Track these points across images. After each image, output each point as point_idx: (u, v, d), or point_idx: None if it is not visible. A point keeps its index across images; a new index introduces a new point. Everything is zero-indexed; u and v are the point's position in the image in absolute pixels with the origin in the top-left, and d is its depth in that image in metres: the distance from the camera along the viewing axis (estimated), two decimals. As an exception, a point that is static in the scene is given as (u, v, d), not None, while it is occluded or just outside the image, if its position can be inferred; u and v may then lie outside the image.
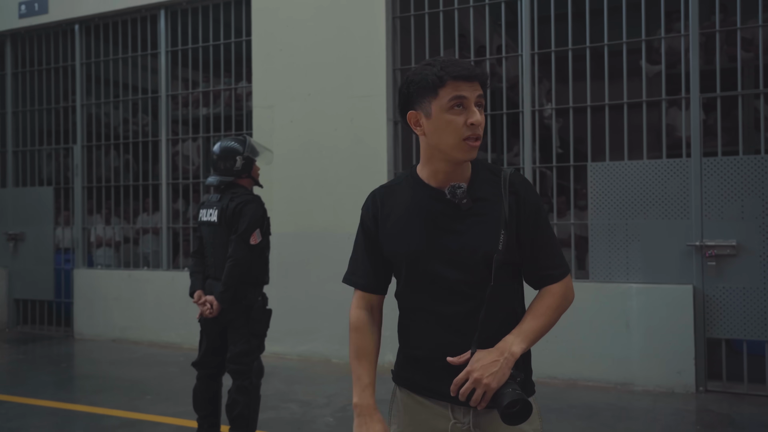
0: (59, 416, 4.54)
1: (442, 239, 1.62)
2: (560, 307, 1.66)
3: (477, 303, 1.61)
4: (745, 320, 4.82)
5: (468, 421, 1.64)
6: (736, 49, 5.09)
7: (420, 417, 1.70)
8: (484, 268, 1.60)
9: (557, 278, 1.67)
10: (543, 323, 1.63)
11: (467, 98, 1.56)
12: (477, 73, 1.58)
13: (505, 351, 1.56)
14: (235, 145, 3.72)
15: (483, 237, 1.61)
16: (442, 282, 1.63)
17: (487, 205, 1.63)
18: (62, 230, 7.83)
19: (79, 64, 7.72)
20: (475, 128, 1.57)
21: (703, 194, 4.96)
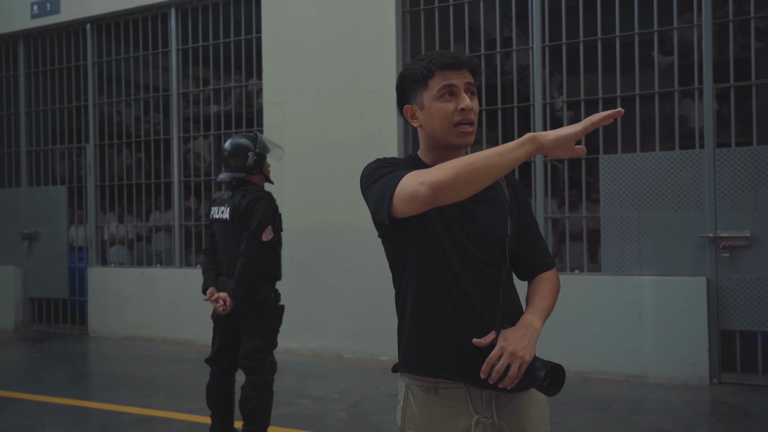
0: (74, 413, 4.59)
1: (458, 219, 1.65)
2: (557, 291, 1.76)
3: (493, 282, 1.67)
4: (760, 312, 4.78)
5: (491, 414, 1.61)
6: (750, 38, 5.03)
7: (437, 417, 1.63)
8: (498, 251, 1.69)
9: (550, 266, 1.80)
10: (549, 304, 1.72)
11: (456, 86, 1.61)
12: (463, 60, 1.63)
13: (530, 326, 1.62)
14: (246, 142, 3.73)
15: (495, 222, 1.69)
16: (462, 258, 1.64)
17: (492, 194, 1.71)
18: (76, 229, 7.90)
19: (91, 63, 7.77)
20: (466, 113, 1.61)
21: (716, 185, 4.92)
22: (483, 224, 1.67)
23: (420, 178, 1.44)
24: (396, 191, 1.49)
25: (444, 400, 1.63)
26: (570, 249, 5.57)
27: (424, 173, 1.45)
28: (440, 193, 1.42)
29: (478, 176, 1.42)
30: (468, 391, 1.62)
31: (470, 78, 1.64)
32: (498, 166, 1.42)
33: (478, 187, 1.45)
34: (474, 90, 1.65)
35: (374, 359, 5.97)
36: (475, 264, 1.65)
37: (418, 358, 1.66)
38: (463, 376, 1.61)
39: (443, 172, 1.42)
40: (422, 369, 1.65)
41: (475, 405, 1.61)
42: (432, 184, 1.41)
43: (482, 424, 1.61)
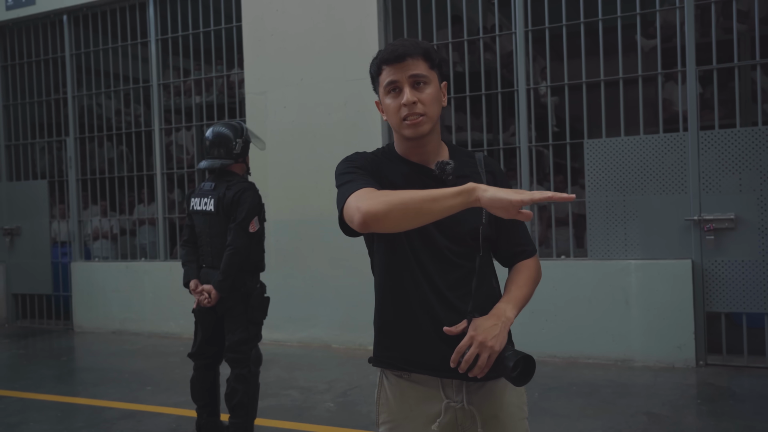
0: (60, 410, 4.54)
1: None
2: (536, 280, 1.75)
3: (465, 272, 1.67)
4: (744, 293, 4.81)
5: (461, 399, 1.64)
6: (732, 21, 5.03)
7: (410, 402, 1.67)
8: (470, 240, 1.68)
9: (530, 254, 1.78)
10: (526, 292, 1.71)
11: (398, 81, 1.63)
12: (403, 52, 1.62)
13: (502, 315, 1.61)
14: (228, 131, 3.67)
15: (468, 211, 1.58)
16: (432, 250, 1.66)
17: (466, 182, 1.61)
18: (58, 223, 7.80)
19: (69, 55, 7.63)
20: (410, 108, 1.62)
21: (700, 168, 4.92)
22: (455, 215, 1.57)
23: (359, 203, 1.49)
24: (343, 207, 1.58)
25: (416, 385, 1.68)
26: (556, 235, 5.57)
27: (365, 198, 1.50)
28: (371, 224, 1.47)
29: (408, 217, 1.46)
30: (440, 378, 1.66)
31: (417, 68, 1.62)
32: (429, 212, 1.45)
33: (410, 225, 1.49)
34: (423, 80, 1.62)
35: (362, 348, 5.95)
36: (445, 255, 1.66)
37: (387, 353, 1.72)
38: (432, 369, 1.64)
39: (378, 204, 1.46)
40: (392, 363, 1.71)
41: (446, 390, 1.65)
42: (365, 214, 1.46)
43: (452, 408, 1.64)
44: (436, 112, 1.66)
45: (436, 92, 1.66)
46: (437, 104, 1.66)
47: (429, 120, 1.64)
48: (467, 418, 1.64)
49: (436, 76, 1.67)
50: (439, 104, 1.67)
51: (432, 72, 1.65)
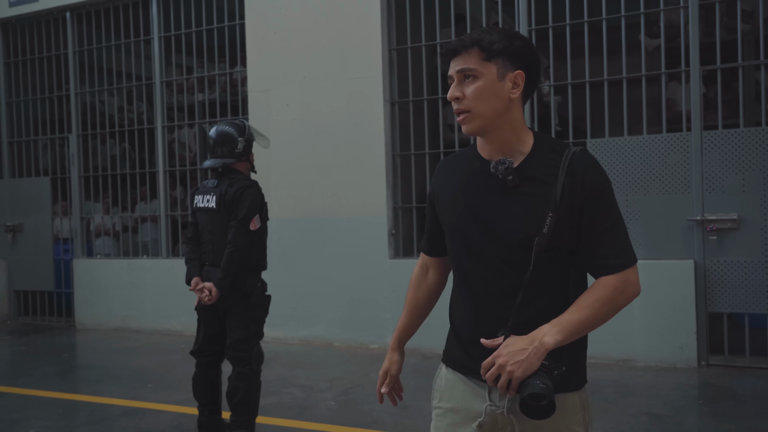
0: (61, 406, 4.54)
1: (485, 213, 1.59)
2: (612, 301, 1.52)
3: (515, 284, 1.55)
4: (747, 294, 4.80)
5: (503, 406, 1.58)
6: (736, 20, 5.01)
7: (460, 394, 1.68)
8: (523, 250, 1.54)
9: (613, 269, 1.53)
10: (586, 316, 1.51)
11: (451, 76, 1.60)
12: (452, 47, 1.58)
13: (536, 340, 1.47)
14: (231, 129, 3.67)
15: (526, 218, 1.53)
16: (481, 257, 1.60)
17: (538, 185, 1.54)
18: (60, 220, 7.80)
19: (72, 52, 7.64)
20: (455, 103, 1.59)
21: (703, 168, 4.91)
22: (509, 220, 1.55)
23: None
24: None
25: (467, 381, 1.67)
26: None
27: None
28: None
29: None
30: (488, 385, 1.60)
31: (467, 62, 1.55)
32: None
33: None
34: (472, 73, 1.55)
35: (364, 347, 5.96)
36: (495, 263, 1.58)
37: (448, 352, 1.76)
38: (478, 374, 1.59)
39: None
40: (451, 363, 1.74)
41: (492, 393, 1.61)
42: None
43: (492, 412, 1.59)
44: (486, 107, 1.54)
45: (489, 85, 1.54)
46: (489, 99, 1.54)
47: (477, 116, 1.56)
48: (507, 425, 1.59)
49: (494, 68, 1.54)
50: (494, 98, 1.55)
51: (488, 64, 1.54)
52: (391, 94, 5.99)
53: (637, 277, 1.56)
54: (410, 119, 5.97)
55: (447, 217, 1.68)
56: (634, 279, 1.55)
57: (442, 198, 1.71)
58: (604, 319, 1.54)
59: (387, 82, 5.92)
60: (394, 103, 6.00)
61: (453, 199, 1.67)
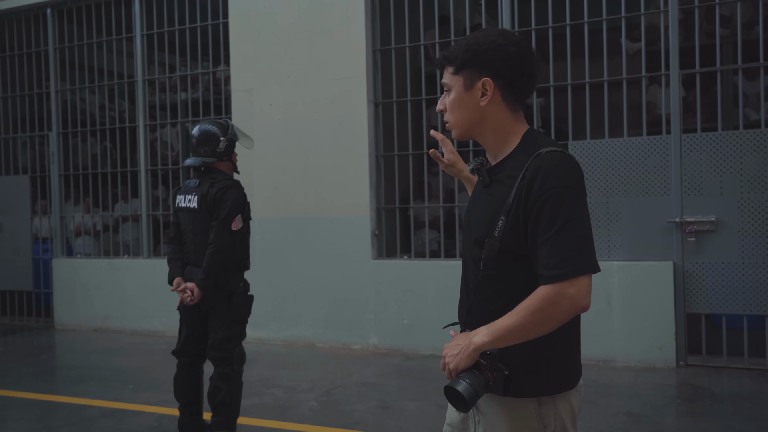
0: (40, 408, 4.49)
1: (469, 209, 1.74)
2: (540, 311, 1.45)
3: (483, 280, 1.62)
4: (724, 295, 4.87)
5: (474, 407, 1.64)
6: (715, 25, 5.09)
7: None
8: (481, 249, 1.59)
9: (546, 280, 1.46)
10: (513, 323, 1.47)
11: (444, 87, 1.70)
12: (437, 63, 1.69)
13: (469, 340, 1.53)
14: (215, 128, 3.65)
15: (485, 219, 1.60)
16: (464, 253, 1.74)
17: (500, 188, 1.58)
18: (40, 219, 7.71)
19: (53, 49, 7.55)
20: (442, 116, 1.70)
21: (683, 171, 4.98)
22: (478, 219, 1.65)
23: None
24: None
25: None
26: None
27: None
28: None
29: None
30: None
31: (445, 77, 1.67)
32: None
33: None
34: (447, 87, 1.66)
35: (346, 348, 5.96)
36: (467, 258, 1.70)
37: None
38: None
39: None
40: None
41: None
42: None
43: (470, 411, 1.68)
44: (458, 117, 1.64)
45: (458, 97, 1.63)
46: (460, 110, 1.63)
47: (453, 126, 1.67)
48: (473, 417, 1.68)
49: (461, 80, 1.61)
50: (463, 109, 1.62)
51: (456, 77, 1.63)
52: (375, 95, 6.00)
53: (576, 290, 1.44)
54: (394, 120, 5.99)
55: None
56: (570, 292, 1.44)
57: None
58: (536, 329, 1.47)
59: (371, 82, 5.93)
60: (378, 103, 6.00)
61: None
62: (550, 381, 1.60)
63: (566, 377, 1.63)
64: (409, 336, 5.73)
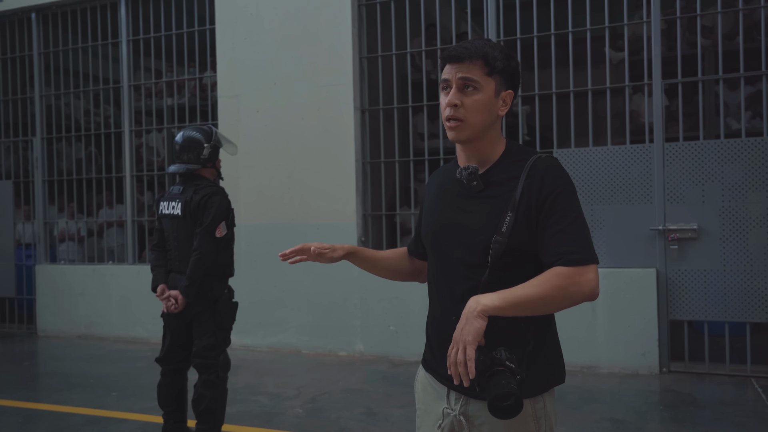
0: (21, 416, 4.44)
1: (452, 219, 1.67)
2: (562, 288, 1.47)
3: (473, 287, 1.58)
4: (706, 302, 4.93)
5: (457, 409, 1.65)
6: (697, 36, 5.16)
7: (428, 397, 1.76)
8: (482, 253, 1.58)
9: (567, 262, 1.49)
10: (532, 293, 1.47)
11: (449, 80, 1.62)
12: (459, 54, 1.59)
13: (476, 300, 1.47)
14: (198, 135, 3.65)
15: (486, 220, 1.59)
16: (446, 260, 1.67)
17: (499, 189, 1.60)
18: (23, 225, 7.64)
19: (37, 53, 7.50)
20: (451, 110, 1.60)
21: (665, 179, 5.04)
22: (472, 224, 1.61)
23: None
24: None
25: (434, 384, 1.74)
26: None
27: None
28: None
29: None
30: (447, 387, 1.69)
31: (471, 72, 1.58)
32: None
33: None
34: (473, 84, 1.58)
35: (332, 354, 5.95)
36: (456, 270, 1.64)
37: (424, 352, 1.81)
38: (441, 376, 1.69)
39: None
40: (424, 363, 1.81)
41: (450, 397, 1.68)
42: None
43: (449, 415, 1.66)
44: (479, 120, 1.60)
45: (487, 100, 1.59)
46: (484, 113, 1.60)
47: (468, 127, 1.60)
48: (462, 430, 1.64)
49: (493, 84, 1.60)
50: (487, 113, 1.60)
51: (489, 78, 1.59)
52: (362, 102, 6.02)
53: (595, 277, 1.50)
54: (380, 127, 6.01)
55: (423, 223, 1.79)
56: (591, 277, 1.49)
57: (425, 205, 1.82)
58: (552, 305, 1.49)
59: (357, 89, 5.95)
60: (365, 110, 6.02)
61: (430, 205, 1.77)
62: (546, 378, 1.65)
63: (559, 372, 1.71)
64: (395, 343, 5.74)
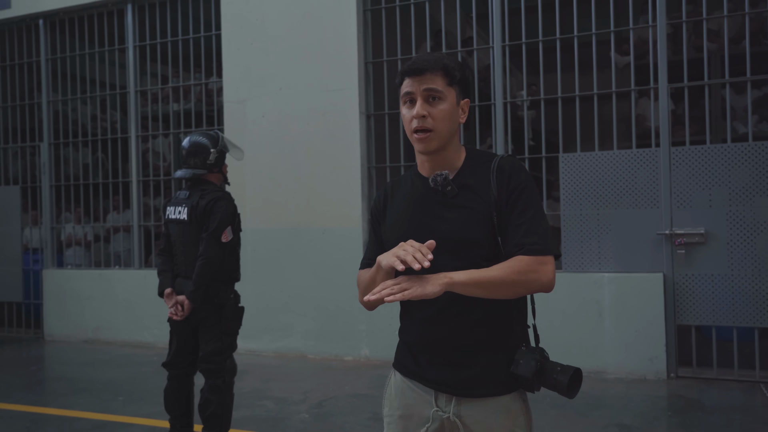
0: (29, 420, 4.45)
1: (430, 226, 1.68)
2: (523, 273, 1.56)
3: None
4: (714, 307, 4.90)
5: (449, 410, 1.68)
6: (703, 39, 5.15)
7: (408, 401, 1.76)
8: (477, 257, 1.63)
9: (528, 251, 1.58)
10: (495, 275, 1.55)
11: (412, 93, 1.67)
12: (422, 66, 1.65)
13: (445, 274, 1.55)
14: (205, 140, 3.66)
15: (470, 224, 1.65)
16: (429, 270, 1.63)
17: (473, 192, 1.67)
18: (30, 230, 7.67)
19: (45, 59, 7.55)
20: (420, 121, 1.65)
21: (672, 183, 5.02)
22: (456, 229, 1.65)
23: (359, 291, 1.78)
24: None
25: (415, 389, 1.75)
26: (531, 247, 5.63)
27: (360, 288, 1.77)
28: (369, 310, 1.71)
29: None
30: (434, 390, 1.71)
31: (434, 83, 1.65)
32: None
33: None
34: (438, 95, 1.65)
35: (338, 359, 5.94)
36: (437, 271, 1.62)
37: (400, 358, 1.82)
38: (427, 381, 1.71)
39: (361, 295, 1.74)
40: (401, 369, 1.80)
41: (438, 400, 1.70)
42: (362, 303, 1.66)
43: (439, 417, 1.69)
44: (446, 128, 1.67)
45: (451, 109, 1.67)
46: (449, 121, 1.67)
47: (437, 137, 1.66)
48: (453, 429, 1.68)
49: (454, 93, 1.68)
50: (452, 121, 1.68)
51: (450, 88, 1.67)
52: (367, 107, 6.03)
53: (553, 269, 1.61)
54: (386, 132, 6.01)
55: (392, 234, 1.75)
56: (549, 268, 1.59)
57: (388, 218, 1.80)
58: (511, 289, 1.57)
59: (363, 94, 5.96)
60: (370, 115, 6.03)
61: (398, 217, 1.77)
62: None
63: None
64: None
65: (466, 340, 1.65)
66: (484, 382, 1.65)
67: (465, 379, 1.65)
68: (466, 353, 1.66)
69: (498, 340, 1.66)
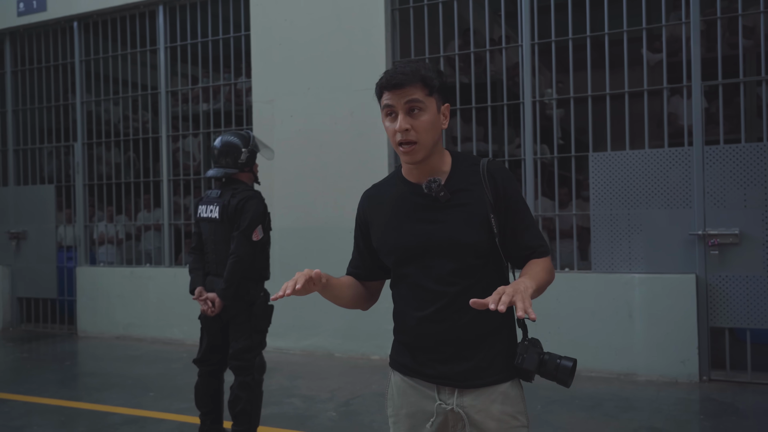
0: (63, 414, 4.55)
1: (427, 230, 1.71)
2: (551, 272, 1.72)
3: (460, 289, 1.69)
4: (749, 309, 4.80)
5: (452, 402, 1.72)
6: (738, 36, 5.05)
7: (411, 399, 1.79)
8: (472, 257, 1.69)
9: (542, 254, 1.75)
10: (546, 278, 1.69)
11: (393, 106, 1.67)
12: (398, 81, 1.65)
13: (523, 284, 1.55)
14: (236, 140, 3.70)
15: (468, 226, 1.69)
16: (427, 270, 1.72)
17: (467, 195, 1.71)
18: (64, 228, 7.84)
19: (79, 61, 7.70)
20: (403, 134, 1.66)
21: (705, 183, 4.93)
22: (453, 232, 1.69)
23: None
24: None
25: (416, 386, 1.79)
26: (560, 247, 5.57)
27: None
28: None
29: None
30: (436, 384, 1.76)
31: (414, 94, 1.65)
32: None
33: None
34: (418, 106, 1.65)
35: (365, 358, 5.96)
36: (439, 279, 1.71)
37: (397, 357, 1.86)
38: (428, 377, 1.75)
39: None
40: (400, 368, 1.84)
41: (441, 393, 1.75)
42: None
43: (444, 410, 1.73)
44: (430, 138, 1.68)
45: (432, 118, 1.68)
46: (433, 131, 1.68)
47: (422, 148, 1.68)
48: (458, 420, 1.73)
49: (434, 102, 1.69)
50: (435, 130, 1.69)
51: (430, 98, 1.68)
52: (395, 106, 6.01)
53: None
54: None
55: (386, 240, 1.79)
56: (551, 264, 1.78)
57: (376, 224, 1.83)
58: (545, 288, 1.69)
59: (391, 94, 5.94)
60: (398, 114, 6.02)
61: (387, 223, 1.79)
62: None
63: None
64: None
65: (467, 335, 1.70)
66: (484, 372, 1.71)
67: (466, 370, 1.70)
68: (466, 347, 1.71)
69: (496, 331, 1.73)
